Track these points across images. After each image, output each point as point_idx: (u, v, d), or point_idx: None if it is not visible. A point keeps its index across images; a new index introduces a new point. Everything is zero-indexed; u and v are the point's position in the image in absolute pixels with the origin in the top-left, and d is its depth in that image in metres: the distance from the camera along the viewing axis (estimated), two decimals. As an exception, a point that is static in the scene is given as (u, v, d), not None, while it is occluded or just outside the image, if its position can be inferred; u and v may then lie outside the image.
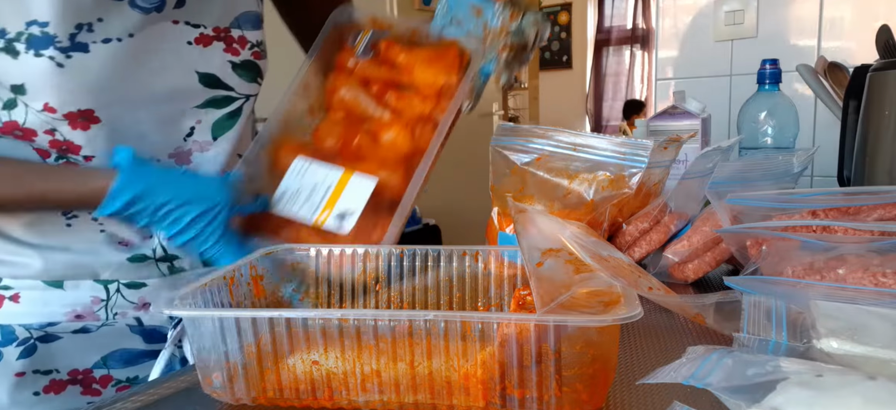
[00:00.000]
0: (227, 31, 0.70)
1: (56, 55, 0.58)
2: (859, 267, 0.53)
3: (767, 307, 0.51)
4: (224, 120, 0.72)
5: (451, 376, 0.43)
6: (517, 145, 0.73)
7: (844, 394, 0.35)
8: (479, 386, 0.43)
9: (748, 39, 1.50)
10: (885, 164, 0.95)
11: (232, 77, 0.71)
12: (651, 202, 0.77)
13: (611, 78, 6.26)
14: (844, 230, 0.58)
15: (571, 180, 0.70)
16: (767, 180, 0.85)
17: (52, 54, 0.58)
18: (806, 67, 1.19)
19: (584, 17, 6.20)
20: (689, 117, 1.09)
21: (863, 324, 0.46)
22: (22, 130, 0.61)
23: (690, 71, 1.61)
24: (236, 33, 0.71)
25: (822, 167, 1.32)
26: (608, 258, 0.57)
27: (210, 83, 0.70)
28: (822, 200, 0.63)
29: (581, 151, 0.71)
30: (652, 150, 0.68)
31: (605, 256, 0.57)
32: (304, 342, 0.44)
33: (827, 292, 0.53)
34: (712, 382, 0.37)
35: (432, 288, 0.59)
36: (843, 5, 1.39)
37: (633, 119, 4.86)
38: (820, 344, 0.44)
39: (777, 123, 1.11)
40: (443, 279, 0.59)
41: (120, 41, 0.61)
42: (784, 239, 0.59)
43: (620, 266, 0.57)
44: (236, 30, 0.71)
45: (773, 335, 0.47)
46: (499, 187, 0.74)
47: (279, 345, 0.44)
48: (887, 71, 0.94)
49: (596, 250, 0.57)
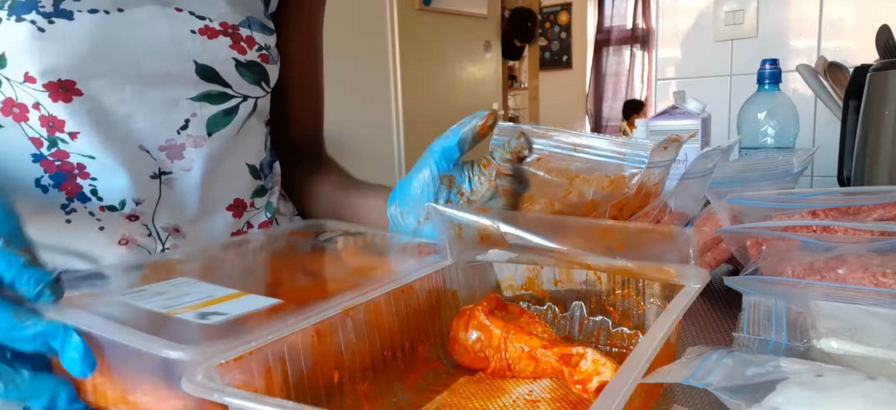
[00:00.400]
0: (236, 28, 0.69)
1: (37, 19, 0.56)
2: (859, 267, 0.53)
3: (767, 307, 0.51)
4: (220, 117, 0.69)
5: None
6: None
7: (845, 394, 0.35)
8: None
9: (748, 39, 1.50)
10: (885, 164, 0.95)
11: (232, 74, 0.69)
12: (651, 202, 0.77)
13: (611, 78, 6.27)
14: (844, 230, 0.57)
15: (572, 180, 0.70)
16: (767, 180, 0.85)
17: (33, 19, 0.56)
18: (806, 67, 1.19)
19: (584, 17, 6.21)
20: (689, 117, 1.09)
21: (863, 324, 0.46)
22: (18, 107, 0.60)
23: (690, 71, 1.61)
24: (245, 32, 0.70)
25: (822, 167, 1.32)
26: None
27: (207, 76, 0.67)
28: (822, 200, 0.63)
29: (581, 151, 0.71)
30: (652, 150, 0.68)
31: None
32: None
33: (827, 292, 0.53)
34: (712, 382, 0.37)
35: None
36: (843, 5, 1.39)
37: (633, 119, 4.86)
38: (820, 344, 0.44)
39: (777, 123, 1.11)
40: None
41: (108, 13, 0.60)
42: (784, 239, 0.59)
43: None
44: (245, 29, 0.70)
45: (773, 335, 0.47)
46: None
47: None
48: (887, 71, 0.94)
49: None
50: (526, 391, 0.44)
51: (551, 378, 0.45)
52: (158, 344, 0.35)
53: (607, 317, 0.53)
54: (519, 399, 0.43)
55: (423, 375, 0.48)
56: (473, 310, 0.49)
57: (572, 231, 0.51)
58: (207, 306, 0.43)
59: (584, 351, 0.43)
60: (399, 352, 0.48)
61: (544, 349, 0.45)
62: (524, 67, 5.28)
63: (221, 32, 0.67)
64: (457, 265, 0.55)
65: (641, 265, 0.49)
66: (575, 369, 0.43)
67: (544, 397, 0.43)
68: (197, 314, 0.41)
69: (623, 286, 0.52)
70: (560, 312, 0.55)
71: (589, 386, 0.42)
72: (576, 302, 0.54)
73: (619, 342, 0.52)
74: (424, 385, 0.47)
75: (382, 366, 0.46)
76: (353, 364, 0.43)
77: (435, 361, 0.50)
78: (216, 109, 0.69)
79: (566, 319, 0.54)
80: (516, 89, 5.37)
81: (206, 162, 0.69)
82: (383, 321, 0.46)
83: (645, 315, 0.51)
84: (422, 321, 0.50)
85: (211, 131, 0.69)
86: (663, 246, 0.48)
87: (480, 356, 0.48)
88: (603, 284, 0.53)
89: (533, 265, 0.55)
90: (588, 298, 0.54)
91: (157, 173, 0.67)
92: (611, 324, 0.53)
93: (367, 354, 0.44)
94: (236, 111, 0.71)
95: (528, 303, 0.56)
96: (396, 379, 0.47)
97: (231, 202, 0.74)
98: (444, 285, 0.54)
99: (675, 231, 0.48)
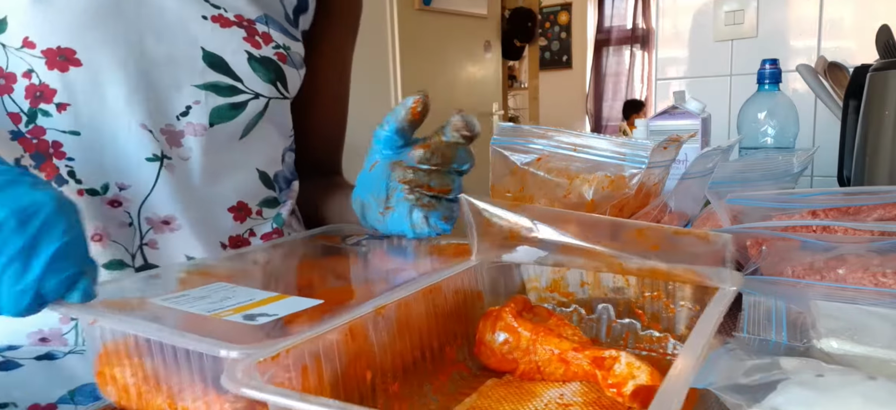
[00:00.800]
0: (252, 23, 0.67)
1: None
2: (859, 267, 0.53)
3: (767, 307, 0.51)
4: (225, 109, 0.66)
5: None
6: (517, 145, 0.73)
7: (845, 394, 0.35)
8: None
9: (748, 39, 1.50)
10: (885, 164, 0.95)
11: (244, 68, 0.66)
12: (651, 202, 0.77)
13: (611, 78, 6.27)
14: (844, 230, 0.58)
15: (572, 180, 0.70)
16: (767, 180, 0.85)
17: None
18: (806, 67, 1.19)
19: (584, 17, 6.21)
20: (689, 117, 1.09)
21: (863, 324, 0.46)
22: (5, 78, 0.58)
23: (690, 71, 1.61)
24: (261, 28, 0.68)
25: (822, 167, 1.32)
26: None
27: (215, 65, 0.65)
28: (822, 200, 0.63)
29: (581, 151, 0.71)
30: (652, 150, 0.68)
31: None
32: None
33: (827, 292, 0.53)
34: (713, 382, 0.37)
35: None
36: (843, 5, 1.39)
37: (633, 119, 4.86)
38: (820, 344, 0.44)
39: (777, 123, 1.11)
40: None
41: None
42: (784, 239, 0.59)
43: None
44: (262, 25, 0.68)
45: (773, 335, 0.47)
46: (499, 187, 0.74)
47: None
48: (887, 71, 0.94)
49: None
50: (557, 394, 0.44)
51: (581, 381, 0.45)
52: (212, 345, 0.35)
53: (636, 320, 0.52)
54: (550, 403, 0.42)
55: (450, 377, 0.48)
56: (501, 311, 0.48)
57: (605, 232, 0.51)
58: (252, 307, 0.43)
59: (617, 354, 0.42)
60: (428, 353, 0.47)
61: (575, 351, 0.44)
62: (524, 67, 5.28)
63: (235, 24, 0.65)
64: (482, 265, 0.54)
65: (674, 267, 0.48)
66: (609, 372, 0.42)
67: (576, 401, 0.42)
68: (244, 315, 0.41)
69: (652, 288, 0.51)
70: (587, 314, 0.54)
71: (624, 390, 0.41)
72: (603, 304, 0.53)
73: (648, 346, 0.51)
74: (452, 386, 0.47)
75: (412, 367, 0.46)
76: (385, 364, 0.43)
77: (461, 363, 0.50)
78: (222, 101, 0.66)
79: (593, 321, 0.54)
80: (516, 89, 5.37)
81: (206, 153, 0.67)
82: (413, 321, 0.46)
83: (675, 318, 0.50)
84: (449, 322, 0.50)
85: (213, 122, 0.66)
86: (698, 248, 0.48)
87: (508, 358, 0.47)
88: (631, 286, 0.52)
89: (558, 267, 0.54)
90: (616, 300, 0.53)
91: (159, 154, 0.64)
92: (640, 327, 0.52)
93: (398, 354, 0.44)
94: (244, 107, 0.68)
95: (554, 305, 0.55)
96: (426, 381, 0.46)
97: (234, 204, 0.71)
98: (470, 285, 0.53)
99: (711, 234, 0.47)
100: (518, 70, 5.39)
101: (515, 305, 0.49)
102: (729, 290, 0.44)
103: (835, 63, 1.19)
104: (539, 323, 0.48)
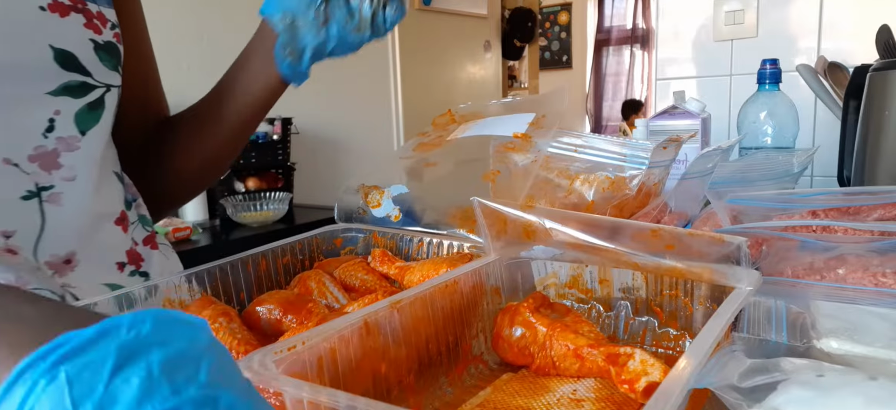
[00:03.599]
0: (84, 3, 0.56)
1: None
2: (859, 267, 0.53)
3: (767, 307, 0.51)
4: (86, 112, 0.57)
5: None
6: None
7: (845, 394, 0.35)
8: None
9: (748, 39, 1.50)
10: (885, 164, 0.95)
11: (92, 60, 0.56)
12: (651, 202, 0.78)
13: (611, 78, 6.27)
14: (844, 230, 0.58)
15: (572, 180, 0.70)
16: (767, 180, 0.85)
17: None
18: (806, 67, 1.19)
19: (584, 17, 6.20)
20: (689, 117, 1.09)
21: (863, 324, 0.46)
22: None
23: (690, 71, 1.61)
24: (93, 8, 0.57)
25: (822, 167, 1.32)
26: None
27: (67, 64, 0.54)
28: (822, 200, 0.63)
29: (582, 151, 0.71)
30: (652, 150, 0.68)
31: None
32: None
33: (827, 292, 0.53)
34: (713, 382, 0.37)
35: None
36: (843, 5, 1.39)
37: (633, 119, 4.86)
38: (820, 344, 0.45)
39: (777, 123, 1.11)
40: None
41: None
42: (784, 239, 0.59)
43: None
44: (93, 4, 0.57)
45: (773, 335, 0.47)
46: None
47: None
48: (887, 71, 0.94)
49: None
50: (570, 390, 0.44)
51: (596, 377, 0.45)
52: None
53: (654, 318, 0.52)
54: (563, 398, 0.43)
55: (466, 370, 0.49)
56: (519, 307, 0.49)
57: (621, 232, 0.51)
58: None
59: (631, 351, 0.42)
60: (444, 347, 0.48)
61: (590, 347, 0.44)
62: (524, 67, 5.28)
63: (72, 8, 0.55)
64: (500, 261, 0.55)
65: (690, 266, 0.49)
66: (622, 369, 0.42)
67: (589, 396, 0.43)
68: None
69: (671, 286, 0.51)
70: (605, 311, 0.54)
71: (637, 386, 0.41)
72: (621, 302, 0.53)
73: (665, 343, 0.51)
74: (468, 379, 0.48)
75: (427, 360, 0.46)
76: (400, 357, 0.44)
77: (478, 356, 0.51)
78: (80, 104, 0.56)
79: (610, 318, 0.54)
80: (516, 89, 5.36)
81: (90, 166, 0.58)
82: (428, 315, 0.47)
83: (693, 317, 0.50)
84: (466, 316, 0.51)
85: (83, 130, 0.57)
86: (713, 249, 0.48)
87: (525, 352, 0.48)
88: (650, 284, 0.52)
89: (577, 263, 0.55)
90: (634, 298, 0.53)
91: (34, 190, 0.54)
92: (657, 325, 0.52)
93: (413, 347, 0.45)
94: (102, 104, 0.58)
95: (572, 302, 0.55)
96: (441, 373, 0.47)
97: (118, 215, 0.62)
98: (488, 281, 0.54)
99: (726, 236, 0.47)
100: (518, 70, 5.39)
101: (534, 300, 0.49)
102: (744, 290, 0.44)
103: (835, 63, 1.19)
104: (556, 319, 0.48)
